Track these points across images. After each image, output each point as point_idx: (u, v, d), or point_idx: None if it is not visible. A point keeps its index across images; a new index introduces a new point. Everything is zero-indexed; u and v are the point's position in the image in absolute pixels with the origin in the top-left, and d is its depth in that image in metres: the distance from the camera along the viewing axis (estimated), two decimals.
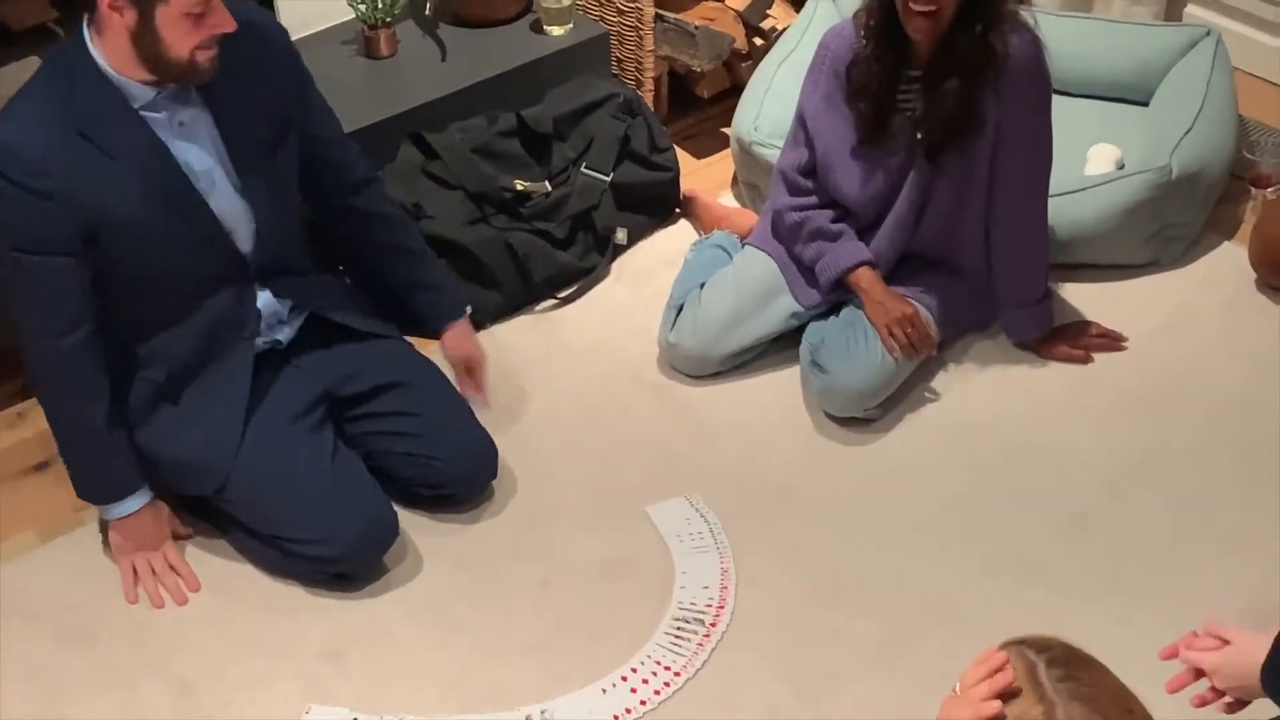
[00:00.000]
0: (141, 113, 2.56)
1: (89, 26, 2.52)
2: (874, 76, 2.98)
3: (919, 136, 3.00)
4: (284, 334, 2.87)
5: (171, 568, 2.83)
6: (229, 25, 2.50)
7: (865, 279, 3.11)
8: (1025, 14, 2.99)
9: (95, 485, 2.79)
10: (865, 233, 3.17)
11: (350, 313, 2.91)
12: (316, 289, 2.91)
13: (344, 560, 2.78)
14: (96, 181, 2.53)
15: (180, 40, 2.48)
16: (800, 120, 3.14)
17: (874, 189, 3.10)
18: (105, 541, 2.87)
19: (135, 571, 2.82)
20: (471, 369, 3.02)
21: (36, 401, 3.14)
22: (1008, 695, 1.46)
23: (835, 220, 3.15)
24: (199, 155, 2.64)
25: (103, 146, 2.53)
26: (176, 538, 2.88)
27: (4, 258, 2.56)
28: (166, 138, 2.59)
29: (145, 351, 2.74)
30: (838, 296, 3.15)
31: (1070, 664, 1.45)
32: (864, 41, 2.98)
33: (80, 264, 2.58)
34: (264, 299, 2.81)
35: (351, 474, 2.83)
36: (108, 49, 2.51)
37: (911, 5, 2.85)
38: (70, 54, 2.54)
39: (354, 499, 2.79)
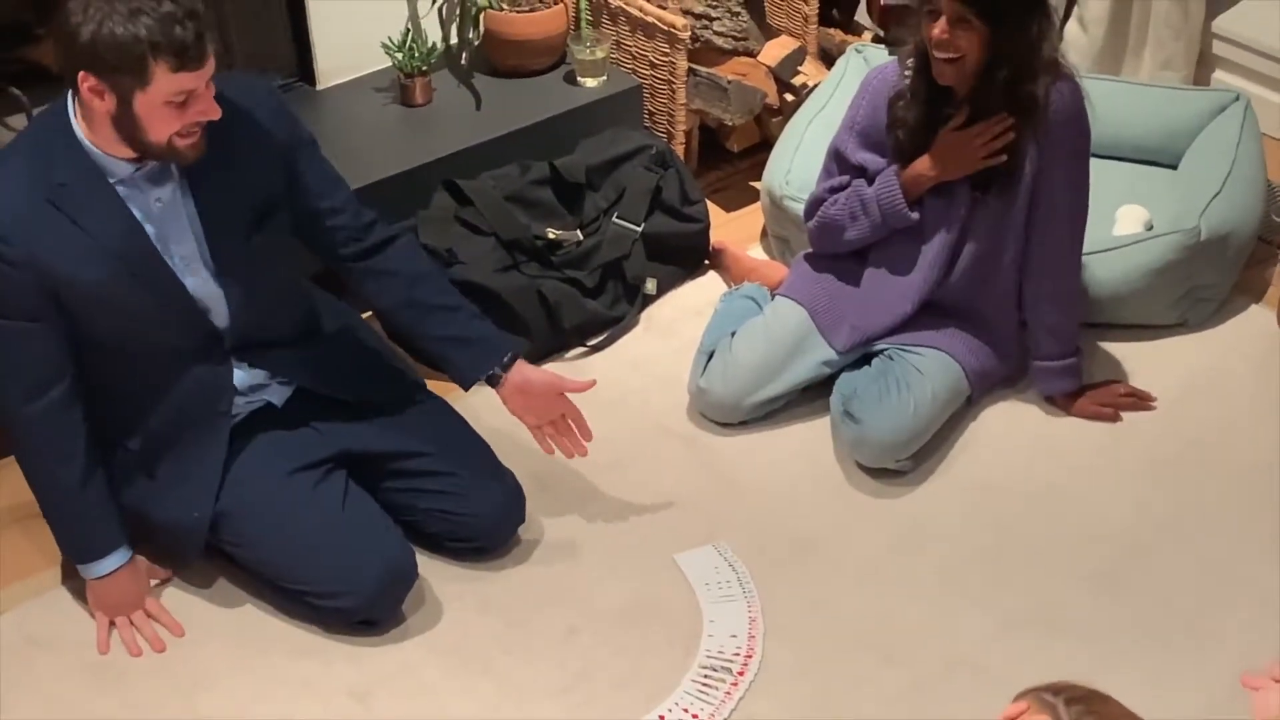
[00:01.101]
0: (118, 188, 2.53)
1: (73, 98, 2.48)
2: (913, 110, 3.01)
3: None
4: (275, 395, 2.83)
5: (151, 616, 2.81)
6: (213, 113, 2.47)
7: (916, 165, 3.05)
8: (1069, 64, 3.00)
9: (73, 543, 2.78)
10: (900, 271, 3.18)
11: (340, 382, 2.86)
12: (301, 360, 2.83)
13: (364, 610, 2.77)
14: (65, 251, 2.51)
15: (160, 127, 2.44)
16: (835, 154, 3.16)
17: (909, 225, 3.12)
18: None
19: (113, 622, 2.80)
20: (551, 423, 2.87)
21: None
22: None
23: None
24: (176, 234, 2.60)
25: (75, 218, 2.51)
26: (155, 581, 2.86)
27: None
28: (142, 215, 2.56)
29: (118, 420, 2.73)
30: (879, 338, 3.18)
31: (1088, 699, 1.50)
32: (907, 77, 3.01)
33: (48, 329, 2.57)
34: (240, 374, 2.77)
35: (364, 520, 2.80)
36: (89, 123, 2.49)
37: (934, 52, 2.88)
38: (53, 121, 2.52)
39: (368, 547, 2.76)
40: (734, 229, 3.78)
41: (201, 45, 2.40)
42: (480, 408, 3.07)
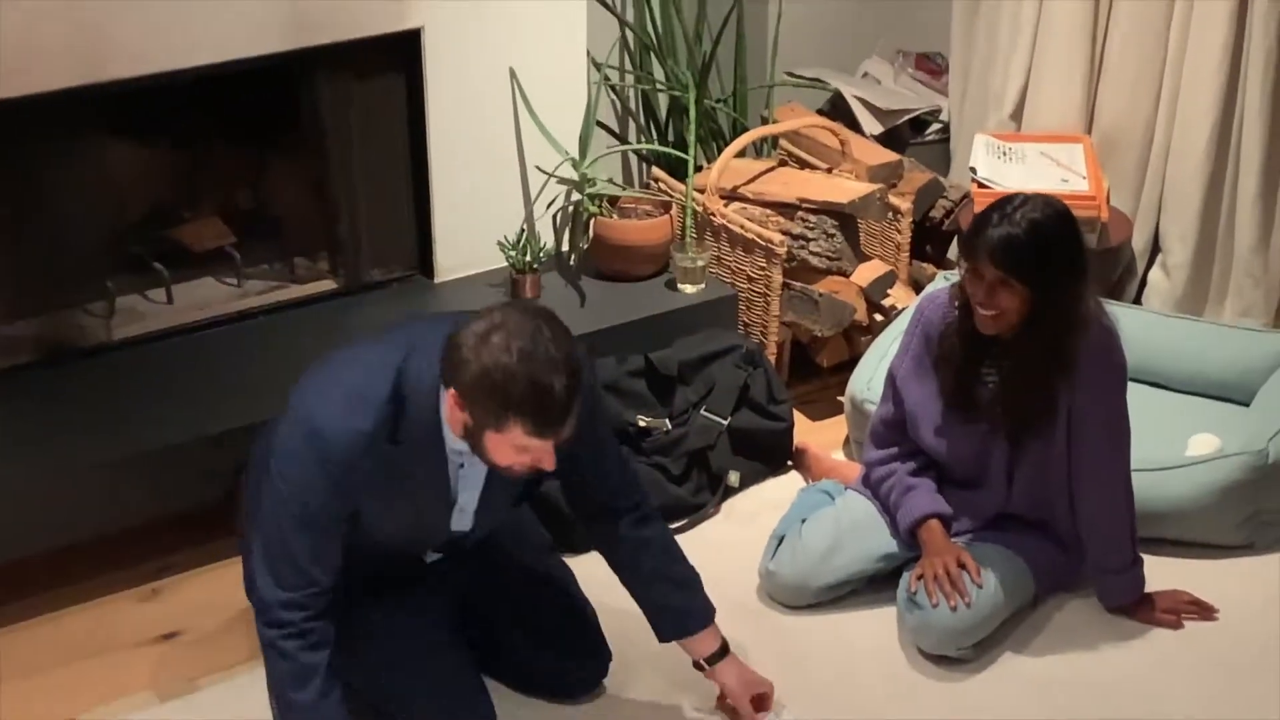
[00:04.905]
0: (448, 451, 2.65)
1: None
2: (957, 351, 3.16)
3: (1000, 412, 3.16)
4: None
5: None
6: (548, 467, 2.55)
7: (927, 531, 3.24)
8: (1101, 307, 3.13)
9: None
10: (964, 488, 3.31)
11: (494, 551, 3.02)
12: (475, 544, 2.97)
13: None
14: (378, 493, 2.65)
15: (499, 458, 2.54)
16: (890, 379, 3.33)
17: (962, 450, 3.26)
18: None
19: None
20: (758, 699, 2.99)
21: (171, 579, 3.38)
22: None
23: (924, 469, 3.31)
24: (466, 492, 2.75)
25: (402, 472, 2.63)
26: None
27: (283, 508, 2.62)
28: (453, 474, 2.71)
29: None
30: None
31: None
32: (955, 313, 3.17)
33: (338, 535, 2.67)
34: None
35: (463, 695, 2.94)
36: (446, 411, 2.57)
37: (976, 307, 3.05)
38: (417, 379, 2.57)
39: (461, 698, 2.92)
40: (818, 435, 3.94)
41: (564, 422, 2.48)
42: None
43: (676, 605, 2.96)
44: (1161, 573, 3.39)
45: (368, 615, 2.89)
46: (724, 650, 2.97)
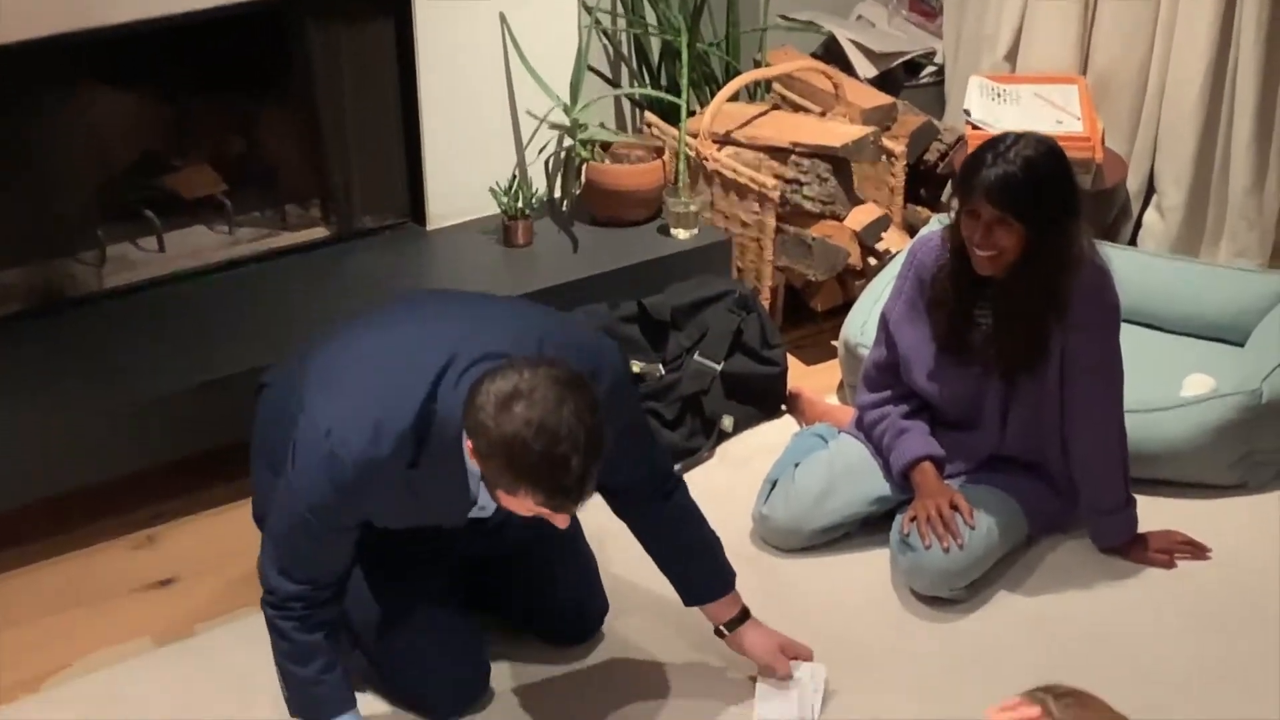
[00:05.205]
0: (468, 470, 2.57)
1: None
2: (950, 293, 3.16)
3: (993, 352, 3.16)
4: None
5: None
6: (561, 525, 2.49)
7: (920, 473, 3.25)
8: (1094, 247, 3.12)
9: (301, 702, 2.74)
10: (958, 430, 3.32)
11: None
12: None
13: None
14: (393, 507, 2.61)
15: (514, 509, 2.46)
16: (883, 321, 3.33)
17: (955, 392, 3.26)
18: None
19: None
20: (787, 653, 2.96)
21: (165, 526, 3.39)
22: None
23: (917, 412, 3.31)
24: (486, 493, 2.61)
25: (418, 492, 2.57)
26: None
27: (298, 515, 2.57)
28: (473, 484, 2.62)
29: None
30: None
31: (1075, 694, 1.63)
32: (946, 256, 3.17)
33: (351, 541, 2.65)
34: None
35: (455, 646, 2.93)
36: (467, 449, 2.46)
37: (973, 248, 3.04)
38: (447, 410, 2.48)
39: (448, 678, 2.92)
40: (812, 381, 3.94)
41: (579, 497, 2.41)
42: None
43: (700, 571, 2.92)
44: (1155, 513, 3.39)
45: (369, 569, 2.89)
46: (744, 615, 2.93)
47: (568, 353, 2.56)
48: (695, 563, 2.92)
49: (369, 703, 2.92)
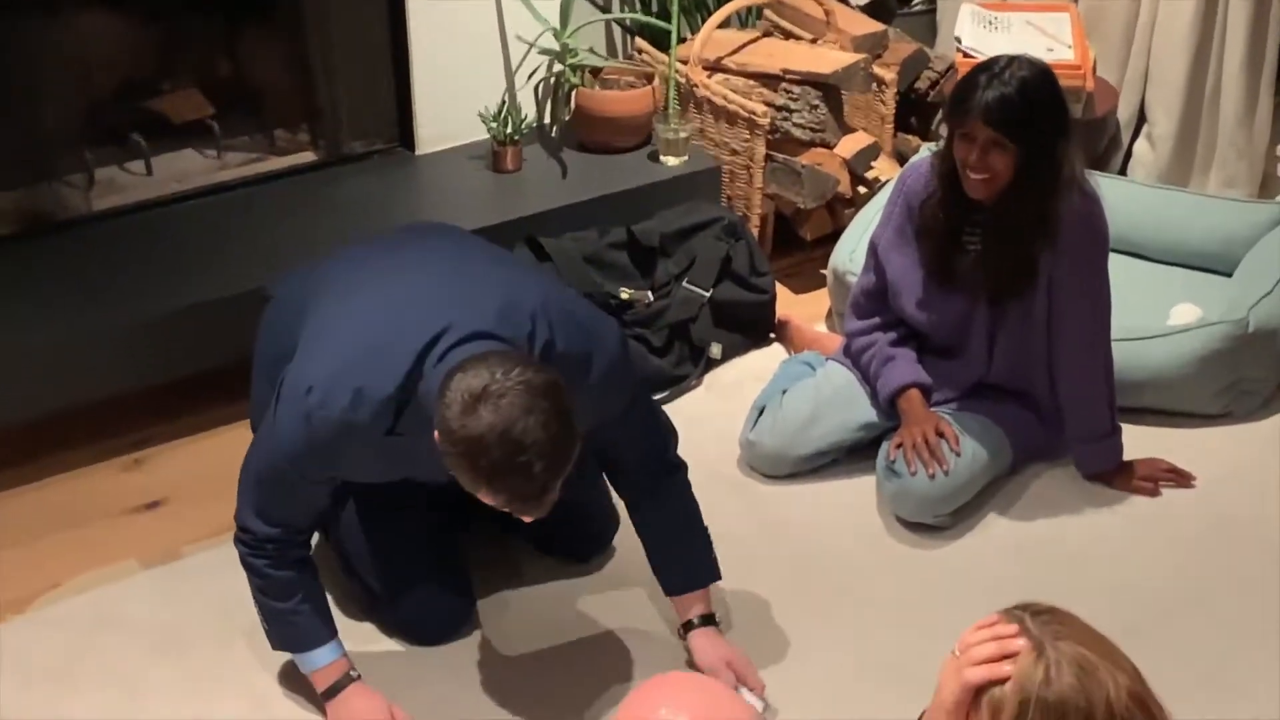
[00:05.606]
0: None
1: (442, 390, 2.34)
2: (939, 220, 3.16)
3: (981, 276, 3.16)
4: None
5: None
6: (529, 518, 2.41)
7: (907, 400, 3.26)
8: (1085, 175, 3.11)
9: (281, 634, 2.76)
10: (945, 358, 3.32)
11: None
12: None
13: (421, 643, 2.96)
14: (369, 467, 2.60)
15: (480, 499, 2.39)
16: (872, 248, 3.33)
17: (943, 319, 3.27)
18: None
19: None
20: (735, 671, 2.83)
21: (153, 449, 3.40)
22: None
23: (904, 339, 3.32)
24: None
25: (400, 449, 2.53)
26: None
27: (275, 466, 2.57)
28: None
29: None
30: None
31: (1052, 611, 1.64)
32: (934, 183, 3.16)
33: (327, 491, 2.66)
34: None
35: (441, 576, 2.96)
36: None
37: (966, 171, 3.03)
38: (427, 389, 2.42)
39: (434, 607, 2.95)
40: (800, 308, 3.94)
41: (539, 503, 2.36)
42: None
43: (682, 558, 2.89)
44: (1141, 441, 3.41)
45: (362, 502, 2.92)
46: (707, 620, 2.86)
47: (563, 329, 2.54)
48: (680, 548, 2.88)
49: (370, 637, 2.96)
